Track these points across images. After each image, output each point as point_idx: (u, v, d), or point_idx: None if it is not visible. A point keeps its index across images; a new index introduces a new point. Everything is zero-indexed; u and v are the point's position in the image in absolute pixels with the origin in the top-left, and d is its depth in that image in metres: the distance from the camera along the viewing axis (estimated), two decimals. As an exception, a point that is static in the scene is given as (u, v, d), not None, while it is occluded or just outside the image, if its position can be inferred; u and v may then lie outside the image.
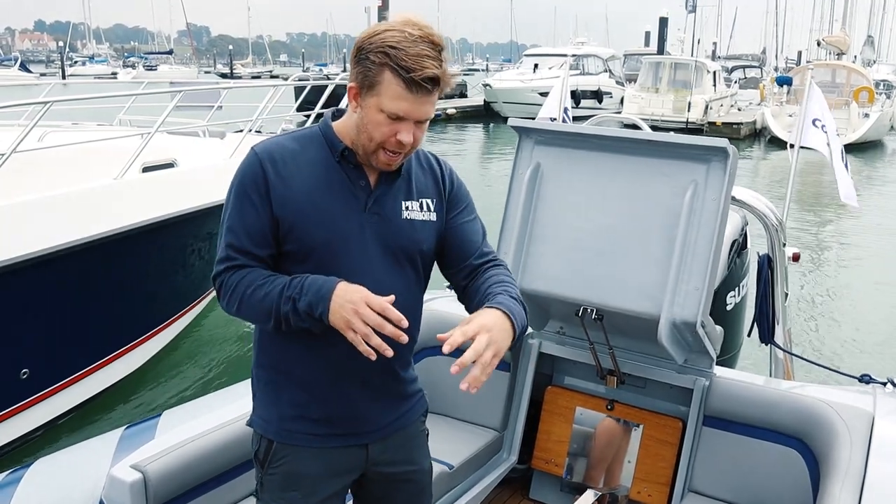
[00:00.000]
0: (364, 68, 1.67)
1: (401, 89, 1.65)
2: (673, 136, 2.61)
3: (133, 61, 76.21)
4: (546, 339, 3.10)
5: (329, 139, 1.80)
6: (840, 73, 27.06)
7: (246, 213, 1.75)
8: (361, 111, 1.72)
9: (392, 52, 1.63)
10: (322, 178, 1.77)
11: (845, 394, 2.73)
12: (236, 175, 1.79)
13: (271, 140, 1.82)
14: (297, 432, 1.84)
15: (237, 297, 1.73)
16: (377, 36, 1.66)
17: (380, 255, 1.80)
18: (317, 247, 1.74)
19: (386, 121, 1.68)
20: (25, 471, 2.30)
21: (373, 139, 1.71)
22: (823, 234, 12.46)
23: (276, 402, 1.85)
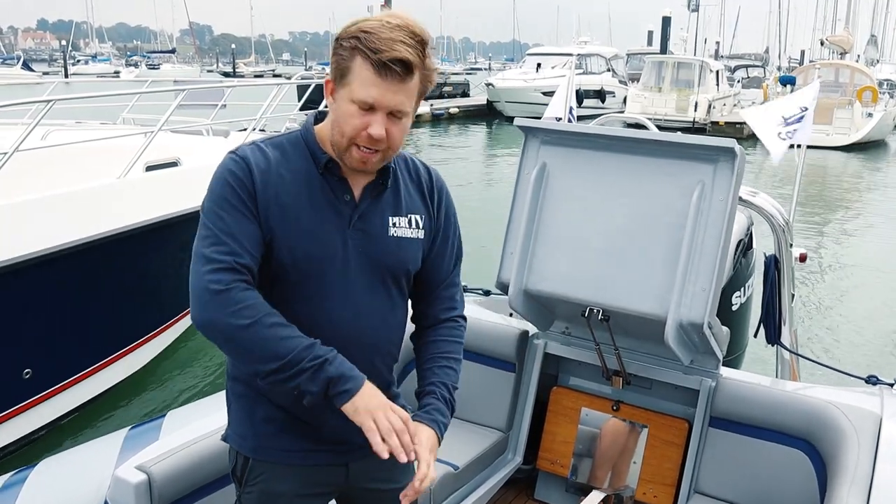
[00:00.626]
0: (338, 58, 1.59)
1: (370, 73, 1.55)
2: (680, 136, 2.59)
3: (136, 60, 76.34)
4: (551, 339, 3.09)
5: (311, 148, 1.69)
6: (843, 72, 27.01)
7: (240, 219, 1.59)
8: (335, 105, 1.63)
9: (363, 35, 1.55)
10: (304, 190, 1.66)
11: (852, 395, 2.72)
12: (218, 179, 1.63)
13: (252, 146, 1.68)
14: (273, 449, 1.75)
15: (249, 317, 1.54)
16: (354, 25, 1.58)
17: (363, 275, 1.70)
18: (296, 264, 1.63)
19: (357, 112, 1.58)
20: (30, 471, 2.29)
21: (344, 134, 1.61)
22: (829, 235, 12.43)
23: (251, 416, 1.75)
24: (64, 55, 59.76)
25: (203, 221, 1.62)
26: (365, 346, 1.72)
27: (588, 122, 3.91)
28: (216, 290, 1.54)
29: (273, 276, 1.64)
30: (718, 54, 52.24)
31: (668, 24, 42.12)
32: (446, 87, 36.53)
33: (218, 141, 7.22)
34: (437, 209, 1.84)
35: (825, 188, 17.02)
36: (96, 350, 5.31)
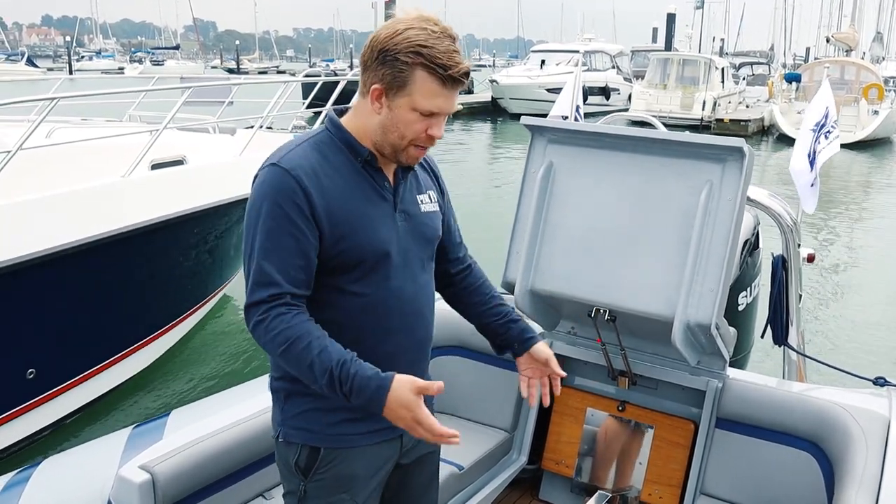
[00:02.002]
0: (393, 69, 1.67)
1: (436, 86, 1.67)
2: (688, 135, 2.57)
3: (140, 56, 76.46)
4: (557, 339, 3.07)
5: (349, 144, 1.78)
6: (849, 69, 26.92)
7: (288, 237, 1.68)
8: (389, 112, 1.72)
9: (425, 51, 1.64)
10: (354, 185, 1.76)
11: (860, 396, 2.70)
12: (265, 194, 1.70)
13: (292, 153, 1.74)
14: (343, 435, 1.82)
15: (279, 345, 1.66)
16: (400, 35, 1.66)
17: (416, 255, 1.86)
18: (366, 257, 1.75)
19: (419, 118, 1.70)
20: (33, 470, 2.29)
21: (405, 137, 1.73)
22: (835, 234, 12.39)
23: (314, 411, 1.81)
24: (68, 51, 59.83)
25: (248, 240, 1.71)
26: (426, 318, 1.91)
27: (593, 119, 3.90)
28: (256, 320, 1.67)
29: (343, 265, 1.73)
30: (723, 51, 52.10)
31: (672, 21, 42.09)
32: (450, 83, 36.42)
33: (224, 139, 7.20)
34: (439, 184, 2.02)
35: (831, 186, 16.94)
36: (101, 350, 5.31)
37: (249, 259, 1.71)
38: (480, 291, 2.12)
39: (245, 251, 1.73)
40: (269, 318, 1.66)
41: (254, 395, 2.62)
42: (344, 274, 1.75)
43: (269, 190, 1.69)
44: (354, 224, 1.73)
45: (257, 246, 1.68)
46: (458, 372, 3.23)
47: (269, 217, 1.67)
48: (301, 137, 1.81)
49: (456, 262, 2.10)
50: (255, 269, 1.68)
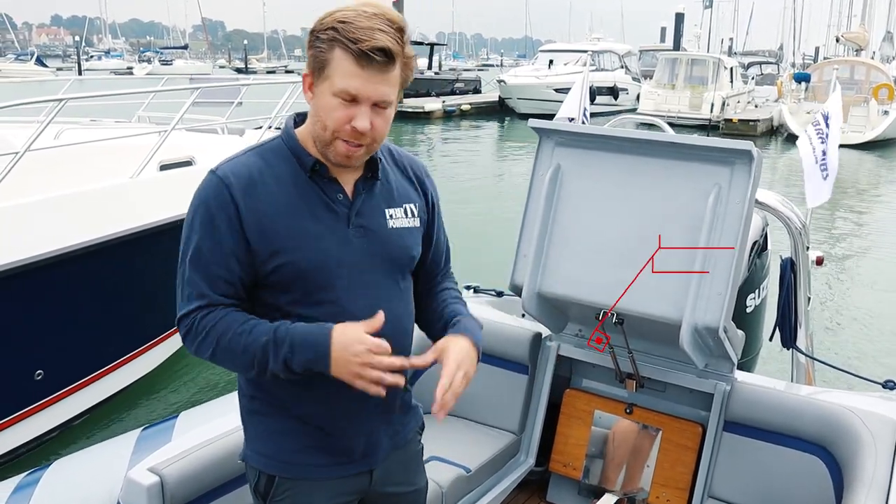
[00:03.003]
0: (315, 51, 1.56)
1: (350, 64, 1.52)
2: (696, 137, 2.57)
3: (148, 56, 76.65)
4: (565, 341, 3.07)
5: (295, 152, 1.66)
6: (859, 69, 26.79)
7: (214, 244, 1.59)
8: (315, 100, 1.60)
9: (341, 26, 1.52)
10: (296, 197, 1.63)
11: (869, 400, 2.69)
12: (196, 199, 1.62)
13: (232, 159, 1.65)
14: (302, 465, 1.72)
15: (210, 345, 1.59)
16: (329, 17, 1.55)
17: (372, 272, 1.69)
18: (303, 274, 1.61)
19: (340, 105, 1.55)
20: (43, 472, 2.30)
21: (327, 127, 1.57)
22: (845, 236, 12.33)
23: (273, 434, 1.72)
24: (77, 51, 60.11)
25: (181, 247, 1.63)
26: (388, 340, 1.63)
27: (601, 119, 3.89)
28: (184, 332, 1.63)
29: (278, 289, 1.63)
30: (732, 51, 51.97)
31: (681, 20, 42.00)
32: (458, 83, 36.48)
33: (233, 139, 7.19)
34: (426, 195, 1.85)
35: (841, 187, 16.84)
36: (109, 351, 5.31)
37: (180, 266, 1.64)
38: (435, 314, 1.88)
39: (179, 257, 1.65)
40: (194, 323, 1.60)
41: None
42: (285, 293, 1.63)
43: (202, 197, 1.62)
44: (289, 240, 1.60)
45: (188, 255, 1.61)
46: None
47: (199, 225, 1.60)
48: (256, 144, 1.71)
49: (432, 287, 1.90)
50: (186, 279, 1.62)
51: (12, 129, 5.65)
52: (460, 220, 12.16)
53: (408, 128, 26.25)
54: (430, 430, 3.11)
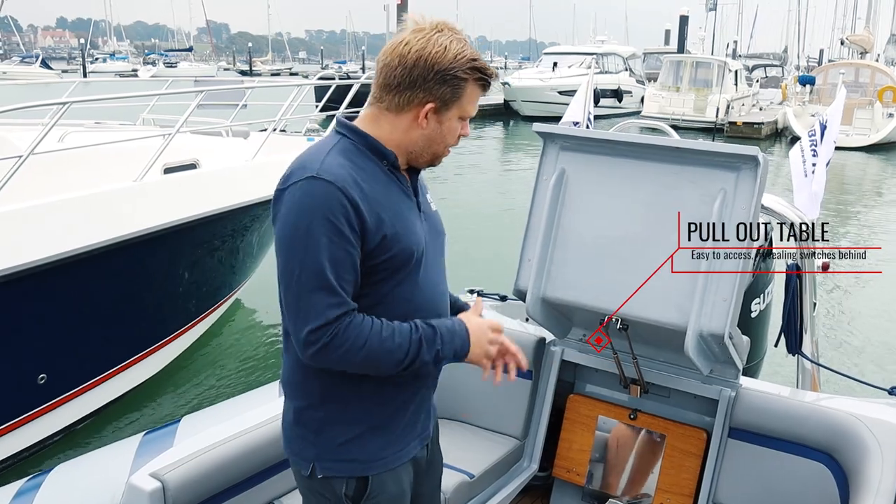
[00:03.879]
0: (453, 87, 1.72)
1: (479, 92, 1.78)
2: (702, 142, 2.56)
3: (153, 58, 76.85)
4: (569, 346, 3.06)
5: (375, 148, 1.76)
6: (864, 72, 26.73)
7: (343, 251, 1.63)
8: (439, 126, 1.76)
9: (477, 64, 1.73)
10: (389, 189, 1.76)
11: (875, 407, 2.67)
12: (311, 209, 1.62)
13: (326, 162, 1.68)
14: (389, 457, 1.82)
15: (359, 349, 1.64)
16: (451, 52, 1.70)
17: (438, 255, 1.90)
18: (409, 260, 1.75)
19: (458, 124, 1.79)
20: (45, 477, 2.30)
21: (448, 145, 1.81)
22: (849, 240, 12.28)
23: (356, 439, 1.78)
24: (82, 54, 60.20)
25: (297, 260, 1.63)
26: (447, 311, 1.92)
27: (605, 121, 3.88)
28: (324, 343, 1.62)
29: (389, 269, 1.73)
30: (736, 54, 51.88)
31: (685, 23, 41.98)
32: (462, 86, 36.41)
33: (237, 142, 7.20)
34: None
35: (845, 191, 16.83)
36: (112, 355, 5.31)
37: (302, 282, 1.62)
38: None
39: (290, 274, 1.64)
40: (338, 333, 1.62)
41: (264, 402, 2.62)
42: (391, 278, 1.74)
43: (316, 204, 1.62)
44: (399, 227, 1.73)
45: (314, 266, 1.61)
46: (469, 379, 3.21)
47: (321, 234, 1.61)
48: (321, 147, 1.76)
49: None
50: (316, 289, 1.61)
51: (17, 131, 5.65)
52: (464, 224, 12.12)
53: (412, 130, 26.19)
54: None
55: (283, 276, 1.66)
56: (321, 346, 1.62)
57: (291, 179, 1.67)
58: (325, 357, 1.64)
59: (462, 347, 1.77)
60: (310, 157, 1.71)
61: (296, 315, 1.63)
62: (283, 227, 1.65)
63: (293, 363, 1.77)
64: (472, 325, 1.79)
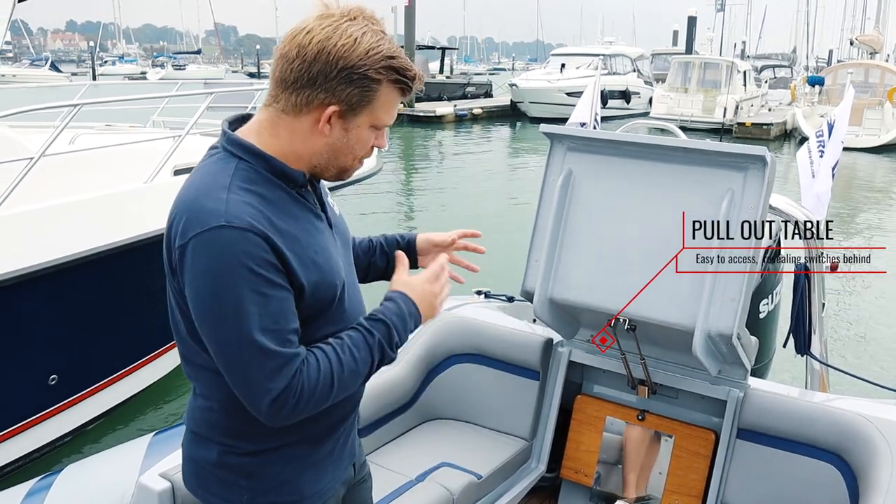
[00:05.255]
0: (361, 88, 1.45)
1: (398, 96, 1.51)
2: (709, 143, 2.55)
3: (162, 61, 77.08)
4: (576, 347, 3.06)
5: (280, 172, 1.50)
6: (873, 72, 26.60)
7: (278, 302, 1.42)
8: (345, 133, 1.49)
9: (394, 63, 1.46)
10: (302, 219, 1.52)
11: (885, 408, 2.66)
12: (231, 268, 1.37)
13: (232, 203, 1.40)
14: (322, 490, 1.68)
15: (327, 389, 1.47)
16: (362, 47, 1.43)
17: (350, 266, 1.70)
18: (336, 294, 1.56)
19: (371, 133, 1.52)
20: (55, 477, 2.31)
21: (357, 157, 1.55)
22: (859, 240, 12.22)
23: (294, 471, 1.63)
24: (92, 57, 60.36)
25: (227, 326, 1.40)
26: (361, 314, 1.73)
27: (612, 123, 3.88)
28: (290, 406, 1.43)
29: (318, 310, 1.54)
30: (745, 54, 51.73)
31: (693, 24, 41.87)
32: (469, 87, 36.50)
33: None
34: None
35: (855, 191, 16.74)
36: (122, 355, 5.34)
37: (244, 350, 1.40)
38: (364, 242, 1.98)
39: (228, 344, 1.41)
40: (303, 388, 1.43)
41: None
42: (313, 321, 1.52)
43: (233, 260, 1.38)
44: (322, 265, 1.52)
45: (252, 335, 1.39)
46: (476, 379, 3.22)
47: (249, 294, 1.38)
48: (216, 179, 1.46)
49: None
50: (265, 358, 1.40)
51: (28, 133, 5.68)
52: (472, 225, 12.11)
53: (419, 132, 26.29)
54: (440, 437, 3.13)
55: (218, 347, 1.44)
56: (290, 410, 1.43)
57: (192, 230, 1.40)
58: (299, 414, 1.46)
59: (416, 322, 1.62)
60: (206, 196, 1.43)
61: (247, 389, 1.43)
62: (202, 293, 1.41)
63: (217, 405, 1.57)
64: (415, 292, 1.63)
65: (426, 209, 14.30)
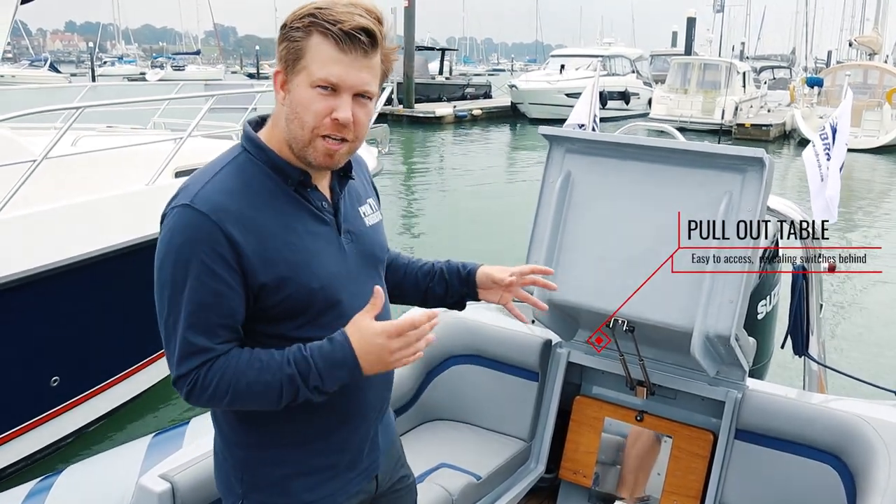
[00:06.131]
0: (289, 42, 1.43)
1: (331, 49, 1.41)
2: (707, 145, 2.57)
3: (161, 61, 76.99)
4: (575, 348, 3.07)
5: (276, 166, 1.51)
6: (872, 73, 26.64)
7: (213, 294, 1.42)
8: (289, 97, 1.46)
9: (318, 11, 1.41)
10: (289, 216, 1.50)
11: (882, 408, 2.67)
12: (178, 246, 1.42)
13: (208, 186, 1.45)
14: (324, 497, 1.64)
15: (223, 394, 1.45)
16: (302, 8, 1.43)
17: (366, 276, 1.62)
18: (312, 298, 1.51)
19: (318, 96, 1.43)
20: (55, 478, 2.32)
21: (305, 124, 1.44)
22: (857, 241, 12.24)
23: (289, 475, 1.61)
24: (91, 57, 60.35)
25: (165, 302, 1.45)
26: None
27: (612, 123, 3.89)
28: (188, 389, 1.45)
29: (288, 312, 1.51)
30: (744, 55, 51.75)
31: (693, 25, 41.84)
32: (469, 88, 36.51)
33: None
34: (373, 186, 1.81)
35: (853, 192, 16.74)
36: (124, 357, 5.35)
37: (168, 325, 1.45)
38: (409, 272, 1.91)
39: (161, 312, 1.46)
40: (198, 381, 1.44)
41: None
42: (289, 320, 1.51)
43: (183, 240, 1.42)
44: (296, 264, 1.48)
45: (180, 312, 1.43)
46: (475, 381, 3.23)
47: (188, 275, 1.41)
48: (221, 161, 1.53)
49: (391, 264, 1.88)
50: (180, 339, 1.43)
51: (29, 135, 5.70)
52: (471, 225, 12.14)
53: (419, 133, 26.29)
54: (439, 438, 3.14)
55: (157, 312, 1.49)
56: (186, 394, 1.46)
57: (170, 203, 1.47)
58: (194, 402, 1.48)
59: (350, 373, 1.46)
60: (197, 176, 1.50)
61: (167, 356, 1.49)
62: (155, 260, 1.47)
63: None
64: (361, 342, 1.45)
65: (426, 210, 14.32)
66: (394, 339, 1.45)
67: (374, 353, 1.45)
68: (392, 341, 1.45)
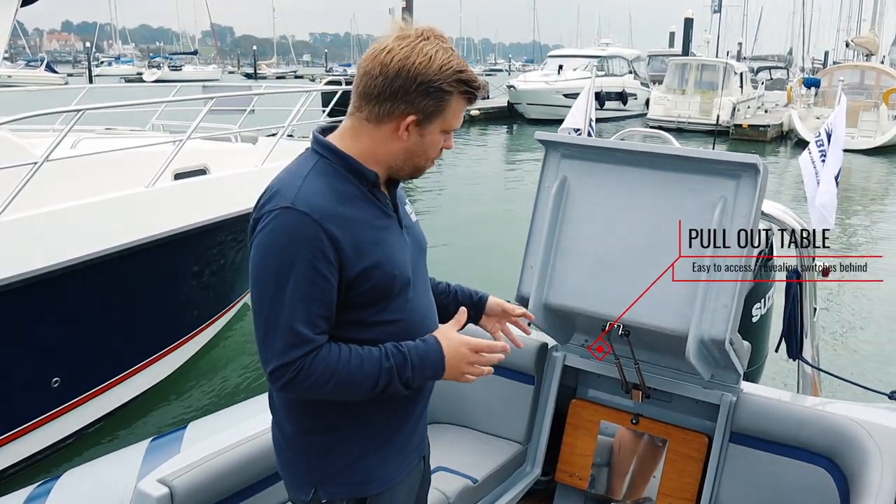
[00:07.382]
0: (436, 100, 1.65)
1: (464, 104, 1.71)
2: (702, 150, 2.59)
3: (158, 62, 76.91)
4: (571, 352, 3.09)
5: (356, 170, 1.70)
6: (869, 74, 26.68)
7: (315, 287, 1.58)
8: (420, 139, 1.69)
9: (463, 76, 1.66)
10: (369, 213, 1.69)
11: (876, 411, 2.69)
12: (284, 244, 1.57)
13: (303, 189, 1.62)
14: (388, 475, 1.79)
15: (325, 382, 1.60)
16: (436, 63, 1.63)
17: (422, 268, 1.85)
18: (391, 287, 1.70)
19: (441, 137, 1.72)
20: (53, 484, 2.33)
21: (430, 159, 1.75)
22: (852, 244, 12.26)
23: (360, 455, 1.76)
24: (88, 58, 60.28)
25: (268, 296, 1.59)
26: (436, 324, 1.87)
27: (609, 124, 3.90)
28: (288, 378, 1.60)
29: (371, 299, 1.69)
30: (741, 56, 51.79)
31: (690, 25, 41.93)
32: (467, 88, 36.42)
33: (246, 147, 7.25)
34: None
35: (849, 194, 16.76)
36: (124, 358, 5.37)
37: (270, 318, 1.59)
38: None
39: (261, 307, 1.61)
40: (303, 369, 1.58)
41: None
42: (371, 307, 1.69)
43: (288, 239, 1.58)
44: (380, 255, 1.67)
45: (285, 306, 1.57)
46: (471, 384, 3.24)
47: (294, 272, 1.57)
48: (298, 169, 1.69)
49: None
50: (286, 330, 1.58)
51: (30, 138, 5.71)
52: (468, 229, 12.11)
53: (417, 133, 26.18)
54: (435, 441, 3.13)
55: (254, 308, 1.63)
56: (286, 382, 1.60)
57: (266, 207, 1.62)
58: (292, 391, 1.63)
59: (435, 374, 1.71)
60: (286, 181, 1.65)
61: (262, 350, 1.61)
62: (255, 259, 1.61)
63: None
64: (449, 348, 1.71)
65: (423, 212, 14.32)
66: (473, 354, 1.73)
67: (457, 360, 1.72)
68: (472, 355, 1.73)
